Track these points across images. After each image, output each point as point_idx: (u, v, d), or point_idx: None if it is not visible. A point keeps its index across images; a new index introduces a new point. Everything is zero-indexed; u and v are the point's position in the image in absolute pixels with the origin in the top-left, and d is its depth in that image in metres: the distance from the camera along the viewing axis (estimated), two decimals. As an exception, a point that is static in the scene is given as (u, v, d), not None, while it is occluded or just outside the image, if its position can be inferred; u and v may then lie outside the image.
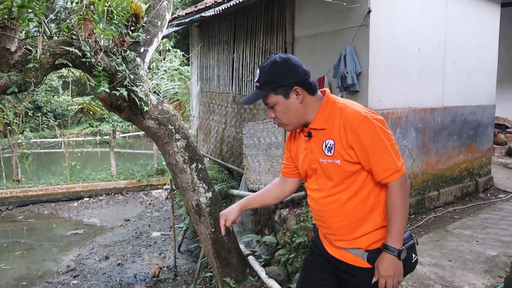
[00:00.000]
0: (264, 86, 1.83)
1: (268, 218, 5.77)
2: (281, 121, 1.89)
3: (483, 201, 5.83)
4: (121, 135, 17.03)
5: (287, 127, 1.92)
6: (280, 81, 1.81)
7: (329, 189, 1.88)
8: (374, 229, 1.86)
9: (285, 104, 1.84)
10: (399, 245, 1.78)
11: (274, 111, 1.87)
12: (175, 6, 15.89)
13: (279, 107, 1.85)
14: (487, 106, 6.21)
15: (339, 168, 1.81)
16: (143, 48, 4.31)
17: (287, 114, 1.86)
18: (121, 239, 8.98)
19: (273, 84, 1.81)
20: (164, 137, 4.47)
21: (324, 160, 1.85)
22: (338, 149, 1.80)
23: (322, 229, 2.01)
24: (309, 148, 1.93)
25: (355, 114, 1.78)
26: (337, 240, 1.94)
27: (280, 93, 1.82)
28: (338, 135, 1.80)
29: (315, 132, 1.89)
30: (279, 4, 5.94)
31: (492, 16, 6.09)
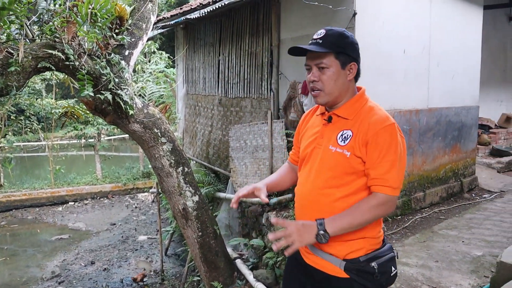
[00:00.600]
0: (328, 45, 1.74)
1: (256, 221, 5.75)
2: (324, 88, 1.79)
3: (468, 201, 5.90)
4: (106, 138, 16.87)
5: (323, 97, 1.82)
6: (346, 49, 1.77)
7: (326, 180, 1.80)
8: (355, 237, 1.78)
9: (338, 73, 1.78)
10: (329, 229, 1.69)
11: (321, 74, 1.78)
12: (160, 8, 15.80)
13: (331, 73, 1.77)
14: (471, 107, 6.29)
15: (345, 160, 1.74)
16: (127, 51, 4.26)
17: (334, 83, 1.78)
18: (107, 243, 8.87)
19: (338, 48, 1.75)
20: (150, 141, 4.43)
21: (334, 148, 1.78)
22: (353, 142, 1.74)
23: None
24: (323, 132, 1.87)
25: (385, 117, 1.75)
26: None
27: (340, 60, 1.77)
28: (358, 129, 1.75)
29: (337, 119, 1.84)
30: (265, 7, 5.94)
31: (475, 19, 6.17)
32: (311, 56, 1.79)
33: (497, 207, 5.58)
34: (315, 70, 1.79)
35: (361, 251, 1.78)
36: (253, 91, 6.38)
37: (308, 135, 1.96)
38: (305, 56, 1.85)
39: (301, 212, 1.92)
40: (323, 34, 1.77)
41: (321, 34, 1.78)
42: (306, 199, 1.88)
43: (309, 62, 1.81)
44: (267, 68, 6.00)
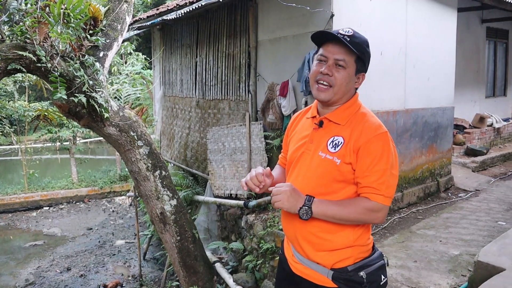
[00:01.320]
0: (354, 45, 1.67)
1: (235, 224, 5.71)
2: (335, 86, 1.71)
3: (444, 200, 5.98)
4: (82, 140, 16.54)
5: (329, 94, 1.73)
6: (365, 58, 1.73)
7: (314, 187, 1.73)
8: (343, 246, 1.73)
9: (351, 77, 1.72)
10: (314, 208, 1.65)
11: (335, 71, 1.70)
12: (136, 9, 15.61)
13: (346, 74, 1.70)
14: (446, 108, 6.38)
15: (335, 168, 1.69)
16: (102, 53, 4.16)
17: (345, 85, 1.72)
18: (84, 248, 8.69)
19: (361, 53, 1.70)
20: (126, 144, 4.34)
21: (323, 154, 1.72)
22: (344, 149, 1.69)
23: (289, 230, 1.84)
24: (312, 137, 1.80)
25: (377, 125, 1.71)
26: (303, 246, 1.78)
27: (357, 65, 1.72)
28: (350, 136, 1.70)
29: (329, 123, 1.78)
30: (242, 8, 5.91)
31: (450, 21, 6.27)
32: (335, 49, 1.70)
33: (473, 206, 5.68)
34: (332, 64, 1.70)
35: (349, 260, 1.73)
36: (231, 93, 6.34)
37: (297, 139, 1.89)
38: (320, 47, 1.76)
39: (287, 218, 1.84)
40: (351, 33, 1.69)
41: (348, 32, 1.69)
42: None
43: (328, 54, 1.71)
44: (245, 70, 5.97)
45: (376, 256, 1.79)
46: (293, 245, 1.86)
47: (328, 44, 1.72)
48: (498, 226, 4.90)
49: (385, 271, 1.81)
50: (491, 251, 3.20)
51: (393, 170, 1.68)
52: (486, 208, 5.60)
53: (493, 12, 9.07)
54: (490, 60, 10.25)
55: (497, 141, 9.38)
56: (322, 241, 1.74)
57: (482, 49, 9.70)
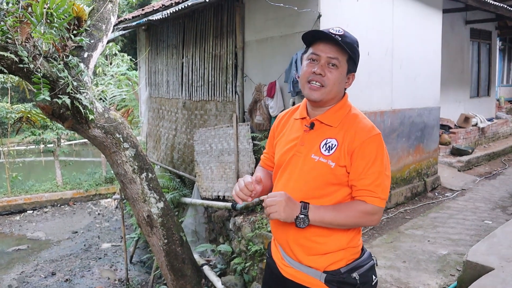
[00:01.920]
0: (346, 45, 1.63)
1: (222, 226, 5.66)
2: (327, 86, 1.67)
3: (431, 200, 6.01)
4: (66, 142, 16.32)
5: (321, 94, 1.68)
6: (356, 58, 1.70)
7: (307, 191, 1.69)
8: (336, 249, 1.70)
9: (342, 77, 1.69)
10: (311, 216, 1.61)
11: (328, 70, 1.66)
12: (121, 9, 15.45)
13: (338, 74, 1.67)
14: (432, 108, 6.42)
15: (329, 171, 1.66)
16: (87, 53, 4.08)
17: (338, 85, 1.69)
18: (69, 252, 8.54)
19: (352, 53, 1.66)
20: (112, 147, 4.26)
21: (317, 157, 1.68)
22: (339, 152, 1.66)
23: (280, 235, 1.79)
24: (303, 139, 1.75)
25: (370, 127, 1.68)
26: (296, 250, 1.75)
27: (348, 65, 1.69)
28: (344, 138, 1.67)
29: (320, 125, 1.74)
30: (229, 8, 5.87)
31: (435, 22, 6.32)
32: (327, 48, 1.66)
33: (460, 205, 5.72)
34: (324, 63, 1.66)
35: (341, 262, 1.72)
36: (217, 94, 6.29)
37: (286, 141, 1.83)
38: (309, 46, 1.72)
39: (280, 227, 1.78)
40: (342, 32, 1.65)
41: (339, 32, 1.65)
42: None
43: (320, 53, 1.67)
44: (232, 71, 5.93)
45: (366, 256, 1.78)
46: (284, 249, 1.81)
47: (319, 43, 1.68)
48: (484, 225, 4.94)
49: (375, 271, 1.81)
50: (479, 250, 3.21)
51: (387, 171, 1.68)
52: (473, 207, 5.64)
53: (476, 13, 9.19)
54: (474, 61, 10.37)
55: (482, 140, 9.49)
56: (315, 245, 1.72)
57: (466, 50, 9.81)
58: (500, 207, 5.63)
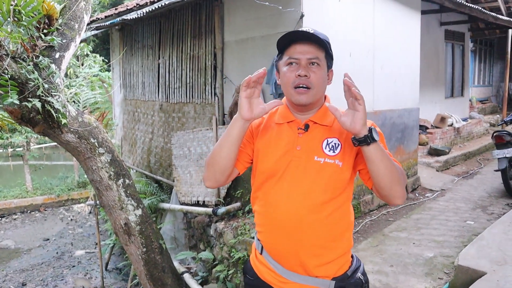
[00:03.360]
0: (320, 40, 1.57)
1: (203, 232, 5.49)
2: (314, 87, 1.59)
3: (413, 201, 6.00)
4: (36, 146, 15.76)
5: (311, 97, 1.60)
6: (331, 55, 1.65)
7: (317, 196, 1.58)
8: (343, 252, 1.66)
9: (324, 73, 1.62)
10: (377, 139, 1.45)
11: (311, 70, 1.58)
12: (92, 9, 15.04)
13: (322, 72, 1.61)
14: (412, 109, 6.42)
15: (338, 171, 1.59)
16: (58, 54, 3.85)
17: (322, 84, 1.63)
18: (40, 261, 8.20)
19: (328, 48, 1.61)
20: (86, 152, 4.04)
21: (321, 159, 1.59)
22: (344, 151, 1.60)
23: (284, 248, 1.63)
24: (298, 143, 1.64)
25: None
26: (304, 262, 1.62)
27: (327, 61, 1.64)
28: (345, 136, 1.61)
29: (315, 126, 1.65)
30: (207, 8, 5.71)
31: (414, 24, 6.32)
32: (304, 48, 1.58)
33: (441, 206, 5.72)
34: (305, 65, 1.58)
35: (345, 265, 1.68)
36: (196, 96, 6.12)
37: (275, 147, 1.67)
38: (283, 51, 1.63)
39: (288, 239, 1.63)
40: (313, 30, 1.59)
41: (311, 30, 1.58)
42: (292, 221, 1.60)
43: (299, 55, 1.58)
44: (211, 72, 5.77)
45: (355, 256, 1.77)
46: (287, 264, 1.66)
47: (295, 45, 1.59)
48: (467, 225, 4.94)
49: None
50: (469, 254, 3.16)
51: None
52: (454, 207, 5.65)
53: (450, 15, 9.32)
54: (448, 62, 10.53)
55: (457, 140, 9.62)
56: (327, 251, 1.63)
57: (441, 51, 9.94)
58: (480, 207, 5.65)
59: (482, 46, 14.40)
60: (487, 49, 14.76)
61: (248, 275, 1.82)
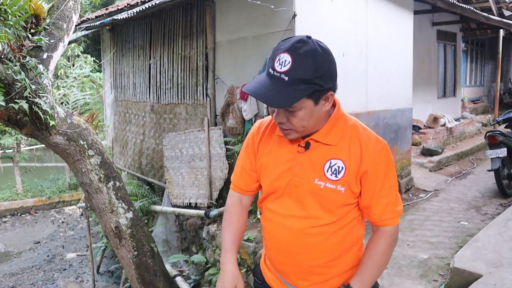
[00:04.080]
0: (297, 85, 1.30)
1: (195, 234, 5.43)
2: (295, 129, 1.43)
3: (406, 202, 5.97)
4: (26, 148, 15.58)
5: (295, 135, 1.47)
6: (322, 83, 1.33)
7: (312, 219, 1.50)
8: (347, 268, 1.58)
9: (311, 111, 1.39)
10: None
11: (290, 116, 1.40)
12: (83, 9, 14.91)
13: (303, 114, 1.39)
14: (405, 109, 6.40)
15: (339, 197, 1.47)
16: (46, 54, 3.77)
17: (308, 121, 1.41)
18: (31, 264, 8.09)
19: (311, 86, 1.32)
20: (75, 154, 3.96)
21: (322, 183, 1.46)
22: (348, 175, 1.45)
23: (284, 266, 1.60)
24: (298, 161, 1.50)
25: (375, 139, 1.48)
26: (302, 279, 1.58)
27: (313, 98, 1.36)
28: (351, 158, 1.45)
29: (317, 145, 1.49)
30: (199, 7, 5.65)
31: (407, 24, 6.30)
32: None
33: (435, 207, 5.70)
34: (283, 111, 1.41)
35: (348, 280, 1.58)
36: (188, 97, 6.05)
37: (276, 162, 1.57)
38: None
39: (282, 258, 1.59)
40: (289, 64, 1.29)
41: (286, 65, 1.29)
42: (291, 242, 1.55)
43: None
44: (203, 73, 5.71)
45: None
46: (289, 280, 1.62)
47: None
48: (461, 226, 4.91)
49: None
50: (465, 256, 3.12)
51: (396, 179, 1.56)
52: (447, 208, 5.63)
53: (442, 15, 9.34)
54: (440, 62, 10.54)
55: (450, 140, 9.62)
56: (330, 269, 1.57)
57: (434, 51, 9.95)
58: (474, 207, 5.64)
59: (474, 46, 14.46)
60: (479, 49, 14.83)
61: (257, 278, 1.80)
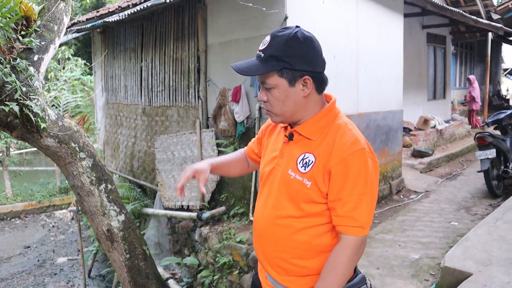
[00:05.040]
0: (269, 61, 1.43)
1: (187, 237, 5.42)
2: (272, 110, 1.51)
3: (398, 203, 6.01)
4: (16, 151, 15.44)
5: (275, 118, 1.54)
6: (292, 62, 1.42)
7: (284, 209, 1.52)
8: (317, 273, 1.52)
9: (286, 92, 1.46)
10: None
11: (268, 94, 1.49)
12: (74, 11, 14.84)
13: (278, 93, 1.47)
14: (396, 111, 6.45)
15: (305, 191, 1.47)
16: (37, 56, 3.75)
17: (283, 104, 1.48)
18: (21, 269, 8.00)
19: (281, 63, 1.42)
20: (67, 157, 3.95)
21: (293, 174, 1.50)
22: (315, 170, 1.46)
23: (258, 253, 1.66)
24: (283, 151, 1.58)
25: (354, 140, 1.45)
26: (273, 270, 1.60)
27: (286, 77, 1.44)
28: (322, 154, 1.46)
29: (299, 137, 1.54)
30: (190, 10, 5.66)
31: (397, 27, 6.36)
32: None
33: (425, 207, 5.74)
34: (262, 90, 1.52)
35: None
36: (179, 99, 6.05)
37: (270, 150, 1.67)
38: None
39: (258, 244, 1.65)
40: (267, 43, 1.44)
41: (265, 44, 1.45)
42: (263, 230, 1.60)
43: (257, 78, 1.53)
44: (194, 75, 5.71)
45: (358, 280, 1.57)
46: (265, 268, 1.66)
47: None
48: (451, 226, 4.96)
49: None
50: (455, 255, 3.15)
51: (373, 192, 1.47)
52: (438, 209, 5.68)
53: (432, 18, 9.42)
54: (430, 64, 10.64)
55: (440, 142, 9.70)
56: (294, 267, 1.55)
57: (424, 54, 10.04)
58: (464, 208, 5.69)
59: (463, 49, 14.62)
60: (468, 52, 14.99)
61: (254, 270, 1.84)
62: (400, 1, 6.28)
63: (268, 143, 1.72)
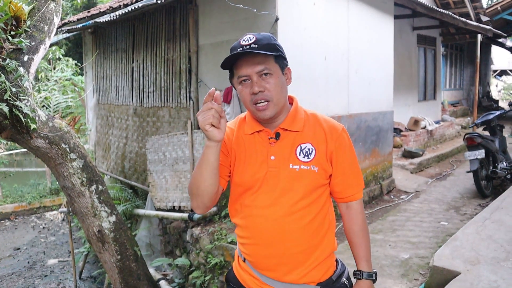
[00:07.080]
0: (265, 48, 1.50)
1: (179, 238, 5.41)
2: (273, 98, 1.54)
3: (388, 203, 6.06)
4: (6, 152, 15.31)
5: (273, 109, 1.55)
6: (282, 52, 1.59)
7: (292, 205, 1.57)
8: (326, 256, 1.63)
9: (281, 79, 1.57)
10: (371, 268, 1.70)
11: (265, 82, 1.52)
12: (65, 11, 14.75)
13: (276, 79, 1.54)
14: (386, 112, 6.50)
15: (315, 177, 1.58)
16: (27, 56, 3.73)
17: (281, 91, 1.57)
18: (10, 272, 7.93)
19: (275, 51, 1.53)
20: (57, 158, 3.93)
21: (297, 166, 1.58)
22: (319, 156, 1.60)
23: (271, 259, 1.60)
24: (271, 152, 1.61)
25: (335, 122, 1.68)
26: (289, 271, 1.60)
27: (279, 64, 1.57)
28: (317, 141, 1.62)
29: (286, 134, 1.62)
30: (182, 11, 5.66)
31: (388, 28, 6.41)
32: (250, 63, 1.52)
33: (415, 208, 5.79)
34: (257, 79, 1.52)
35: (330, 269, 1.66)
36: (171, 100, 6.04)
37: (251, 160, 1.63)
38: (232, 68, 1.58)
39: (266, 250, 1.61)
40: (254, 38, 1.52)
41: (251, 39, 1.52)
42: (275, 232, 1.58)
43: (247, 72, 1.52)
44: (186, 76, 5.71)
45: (340, 261, 1.75)
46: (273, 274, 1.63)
47: (241, 62, 1.54)
48: (441, 226, 5.01)
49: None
50: (444, 255, 3.19)
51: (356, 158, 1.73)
52: (428, 209, 5.73)
53: (422, 20, 9.51)
54: (421, 66, 10.73)
55: (430, 142, 9.79)
56: (310, 257, 1.61)
57: (414, 55, 10.12)
58: (454, 208, 5.75)
59: (453, 51, 14.75)
60: (458, 53, 15.13)
61: (231, 283, 1.78)
62: (391, 2, 6.33)
63: (240, 153, 1.66)
